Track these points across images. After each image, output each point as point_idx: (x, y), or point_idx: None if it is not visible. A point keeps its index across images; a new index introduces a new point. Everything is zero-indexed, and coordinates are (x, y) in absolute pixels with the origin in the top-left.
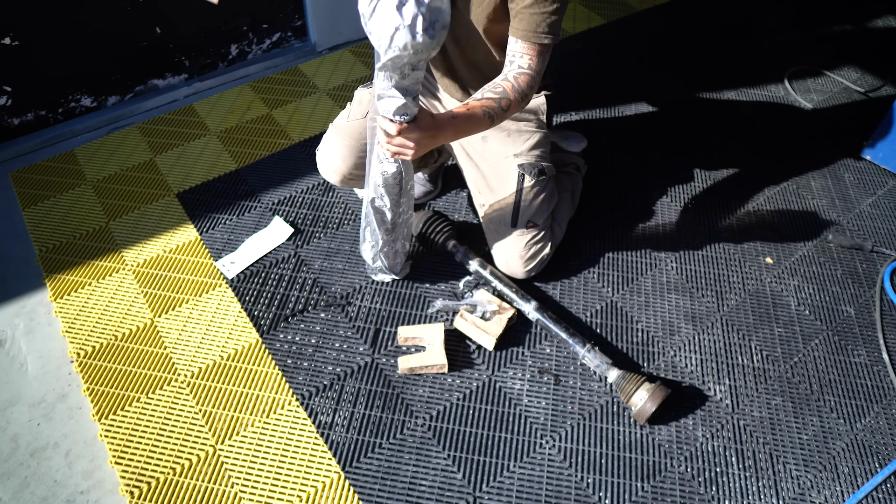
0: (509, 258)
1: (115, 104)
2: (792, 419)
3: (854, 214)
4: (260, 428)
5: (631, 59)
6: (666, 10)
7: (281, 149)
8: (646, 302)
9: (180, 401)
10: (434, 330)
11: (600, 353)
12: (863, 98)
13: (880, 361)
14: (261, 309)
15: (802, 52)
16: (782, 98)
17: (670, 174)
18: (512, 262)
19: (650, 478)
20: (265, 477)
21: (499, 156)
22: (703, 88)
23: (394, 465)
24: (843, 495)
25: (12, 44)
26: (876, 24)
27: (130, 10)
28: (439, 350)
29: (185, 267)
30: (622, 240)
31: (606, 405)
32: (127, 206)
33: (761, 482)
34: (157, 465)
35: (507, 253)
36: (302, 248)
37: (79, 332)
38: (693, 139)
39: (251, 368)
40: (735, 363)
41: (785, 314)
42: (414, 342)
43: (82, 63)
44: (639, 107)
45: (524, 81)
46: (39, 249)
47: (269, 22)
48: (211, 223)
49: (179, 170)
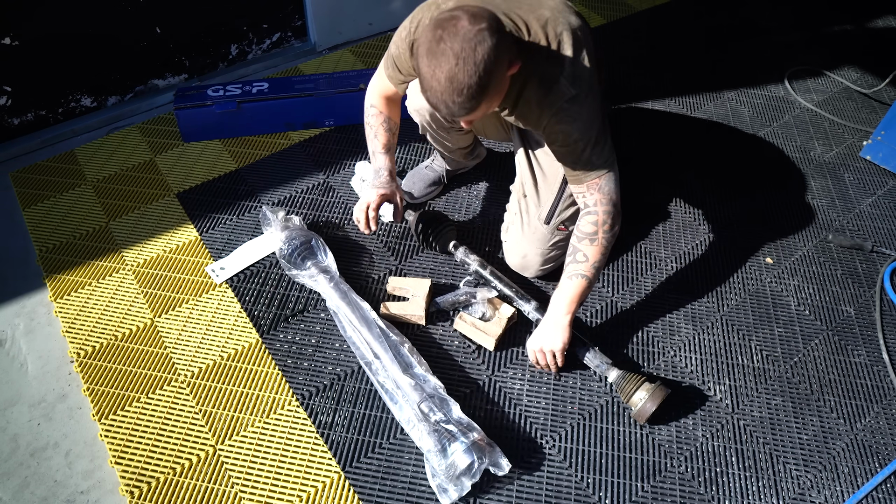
0: (529, 252)
1: (115, 104)
2: (792, 419)
3: (854, 214)
4: (260, 428)
5: (631, 59)
6: (666, 11)
7: (281, 149)
8: (646, 302)
9: (180, 401)
10: (420, 284)
11: (600, 353)
12: (863, 98)
13: (880, 361)
14: (261, 309)
15: (802, 52)
16: (782, 98)
17: (670, 174)
18: (531, 257)
19: (650, 478)
20: (265, 477)
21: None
22: (703, 88)
23: (394, 465)
24: (843, 495)
25: (12, 44)
26: (876, 24)
27: (130, 10)
28: (420, 303)
29: (185, 267)
30: (622, 240)
31: (606, 405)
32: (127, 206)
33: (761, 482)
34: (157, 465)
35: (528, 247)
36: None
37: (79, 332)
38: (693, 139)
39: (251, 368)
40: (735, 363)
41: (785, 314)
42: (400, 292)
43: (82, 63)
44: (638, 107)
45: (586, 225)
46: (39, 249)
47: (269, 22)
48: (211, 223)
49: (179, 170)
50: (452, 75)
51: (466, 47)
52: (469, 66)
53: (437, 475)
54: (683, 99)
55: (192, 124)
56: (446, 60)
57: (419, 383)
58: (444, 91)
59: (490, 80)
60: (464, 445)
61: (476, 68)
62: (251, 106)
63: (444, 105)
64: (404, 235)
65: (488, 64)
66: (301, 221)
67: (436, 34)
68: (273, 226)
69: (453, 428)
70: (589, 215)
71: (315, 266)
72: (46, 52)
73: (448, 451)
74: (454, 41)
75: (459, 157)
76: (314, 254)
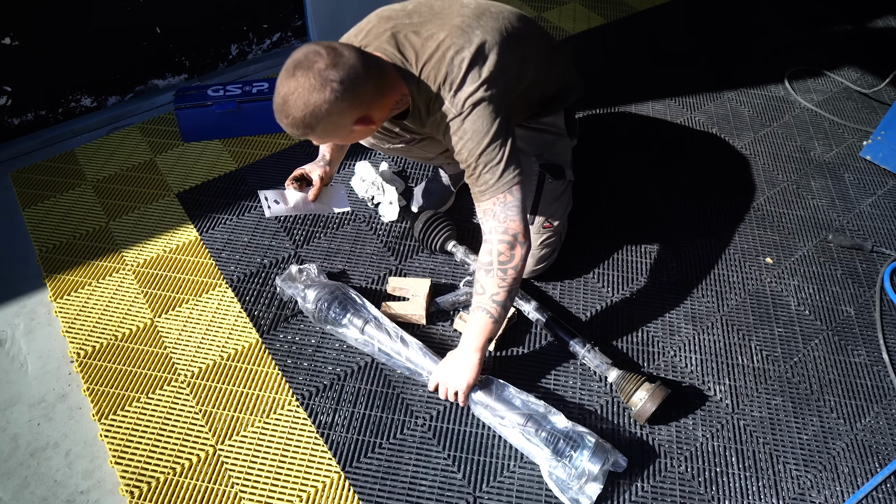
0: None
1: (115, 104)
2: (792, 419)
3: (854, 214)
4: (260, 428)
5: (630, 59)
6: (666, 10)
7: (281, 149)
8: (646, 302)
9: (180, 401)
10: (420, 284)
11: (600, 353)
12: (863, 98)
13: (880, 361)
14: (261, 309)
15: (802, 52)
16: (782, 98)
17: (670, 174)
18: None
19: (650, 478)
20: (265, 477)
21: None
22: (703, 88)
23: (394, 465)
24: (843, 495)
25: (12, 44)
26: (876, 24)
27: (130, 10)
28: (420, 303)
29: (185, 267)
30: (622, 240)
31: (606, 405)
32: (127, 206)
33: (761, 482)
34: (157, 465)
35: None
36: (302, 247)
37: (79, 332)
38: (693, 139)
39: (251, 368)
40: (735, 363)
41: (785, 314)
42: (400, 292)
43: (82, 63)
44: (638, 107)
45: (493, 249)
46: (39, 249)
47: (269, 22)
48: (211, 223)
49: (179, 170)
50: (286, 101)
51: (306, 86)
52: (299, 102)
53: (569, 489)
54: (683, 99)
55: (192, 124)
56: (287, 86)
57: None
58: (276, 107)
59: (316, 123)
60: (589, 452)
61: (305, 107)
62: (251, 106)
63: (276, 119)
64: (404, 235)
65: (317, 111)
66: (316, 268)
67: (296, 58)
68: (298, 285)
69: (570, 437)
70: (485, 244)
71: (356, 317)
72: (46, 52)
73: (574, 460)
74: (302, 75)
75: (447, 160)
76: (346, 306)
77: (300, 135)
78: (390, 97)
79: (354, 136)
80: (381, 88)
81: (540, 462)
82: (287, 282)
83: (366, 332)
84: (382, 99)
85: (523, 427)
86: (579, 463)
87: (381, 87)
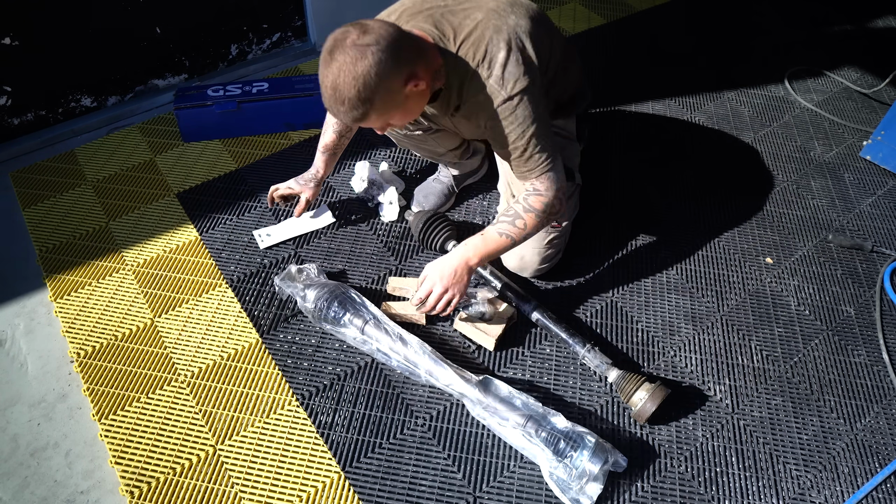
0: (526, 253)
1: (115, 104)
2: (792, 419)
3: (854, 214)
4: (260, 428)
5: (630, 60)
6: (666, 10)
7: (281, 149)
8: (646, 302)
9: (180, 401)
10: None
11: (600, 353)
12: (863, 98)
13: (880, 361)
14: (261, 309)
15: (802, 52)
16: (782, 98)
17: (671, 174)
18: (528, 257)
19: (650, 478)
20: (265, 477)
21: None
22: (703, 88)
23: (394, 465)
24: (843, 495)
25: (12, 44)
26: (876, 24)
27: (130, 10)
28: None
29: (185, 267)
30: (622, 240)
31: (606, 405)
32: (127, 206)
33: (761, 482)
34: (157, 465)
35: (525, 248)
36: (302, 247)
37: (79, 332)
38: (693, 139)
39: (251, 368)
40: (735, 363)
41: (785, 314)
42: (400, 292)
43: (82, 63)
44: (639, 107)
45: (535, 201)
46: (39, 249)
47: (269, 22)
48: (211, 223)
49: (179, 170)
50: (336, 86)
51: (347, 60)
52: (348, 78)
53: (570, 489)
54: (683, 99)
55: (192, 124)
56: (331, 71)
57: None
58: (329, 99)
59: (372, 94)
60: (589, 452)
61: (355, 82)
62: (251, 106)
63: (334, 113)
64: (404, 235)
65: (367, 79)
66: (316, 268)
67: (330, 44)
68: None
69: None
70: (540, 196)
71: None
72: (46, 52)
73: (575, 460)
74: (340, 53)
75: (454, 159)
76: (346, 306)
77: (360, 118)
78: (431, 60)
79: (410, 105)
80: (419, 48)
81: (540, 462)
82: (286, 281)
83: (366, 332)
84: (424, 59)
85: (523, 427)
86: (579, 463)
87: (420, 47)
